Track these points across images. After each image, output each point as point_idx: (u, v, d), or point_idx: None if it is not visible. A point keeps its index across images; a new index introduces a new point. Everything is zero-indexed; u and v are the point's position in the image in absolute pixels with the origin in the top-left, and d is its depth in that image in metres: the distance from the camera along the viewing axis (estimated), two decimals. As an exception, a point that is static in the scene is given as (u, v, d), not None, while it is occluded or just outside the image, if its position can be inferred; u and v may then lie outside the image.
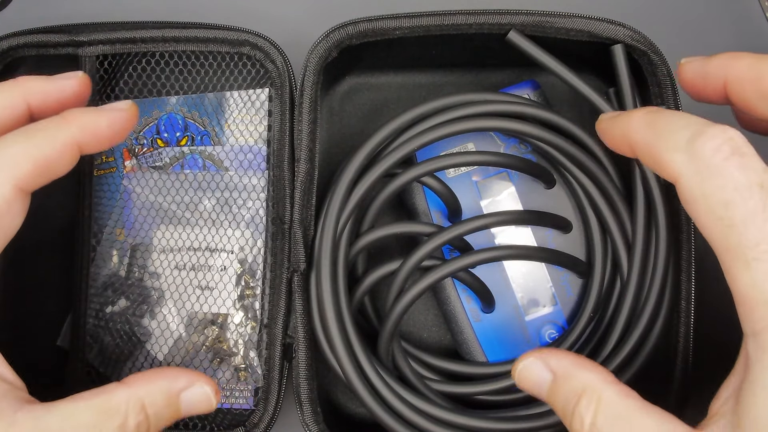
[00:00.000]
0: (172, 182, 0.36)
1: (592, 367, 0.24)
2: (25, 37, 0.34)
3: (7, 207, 0.23)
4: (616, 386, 0.23)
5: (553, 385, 0.24)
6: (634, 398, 0.23)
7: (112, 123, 0.26)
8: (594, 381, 0.23)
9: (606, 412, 0.22)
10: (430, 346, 0.37)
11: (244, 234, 0.35)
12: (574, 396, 0.23)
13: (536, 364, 0.25)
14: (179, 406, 0.26)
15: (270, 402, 0.32)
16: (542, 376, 0.25)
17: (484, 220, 0.30)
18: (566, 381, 0.24)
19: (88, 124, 0.25)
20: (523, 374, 0.26)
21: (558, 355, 0.25)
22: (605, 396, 0.23)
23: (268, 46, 0.33)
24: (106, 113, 0.26)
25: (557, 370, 0.24)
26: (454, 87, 0.38)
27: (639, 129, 0.24)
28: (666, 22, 0.39)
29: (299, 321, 0.31)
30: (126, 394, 0.25)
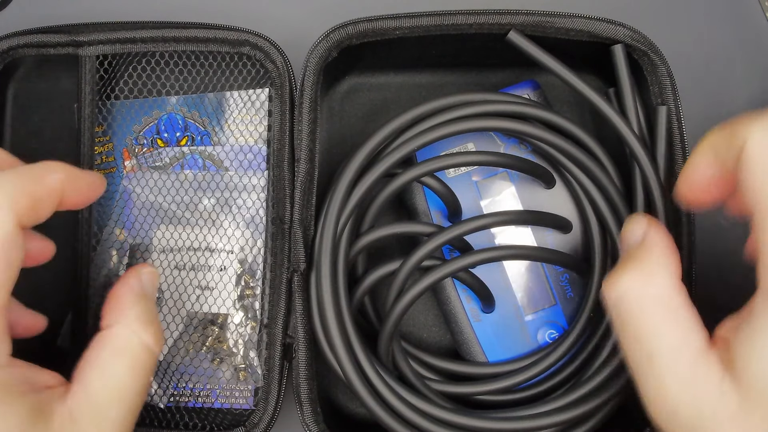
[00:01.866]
0: (172, 182, 0.36)
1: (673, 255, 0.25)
2: (25, 37, 0.34)
3: (12, 240, 0.24)
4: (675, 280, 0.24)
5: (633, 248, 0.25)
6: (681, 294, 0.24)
7: (89, 183, 0.28)
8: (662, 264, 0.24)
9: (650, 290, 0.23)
10: (430, 346, 0.37)
11: (244, 234, 0.35)
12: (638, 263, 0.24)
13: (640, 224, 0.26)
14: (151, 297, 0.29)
15: (270, 402, 0.32)
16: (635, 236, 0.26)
17: (484, 220, 0.30)
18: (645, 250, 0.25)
19: (71, 175, 0.27)
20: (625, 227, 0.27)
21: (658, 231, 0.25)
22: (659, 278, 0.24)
23: (268, 46, 0.33)
24: (85, 173, 0.28)
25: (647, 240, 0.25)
26: (454, 87, 0.38)
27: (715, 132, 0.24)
28: (666, 22, 0.39)
29: (299, 321, 0.31)
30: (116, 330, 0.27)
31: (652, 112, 0.32)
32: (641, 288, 0.23)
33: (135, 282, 0.28)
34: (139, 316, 0.27)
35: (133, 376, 0.25)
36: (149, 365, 0.26)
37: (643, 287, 0.23)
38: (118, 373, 0.25)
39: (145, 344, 0.26)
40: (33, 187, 0.25)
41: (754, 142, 0.22)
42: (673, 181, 0.32)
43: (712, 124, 0.38)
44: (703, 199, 0.25)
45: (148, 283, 0.29)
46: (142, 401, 0.26)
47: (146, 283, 0.29)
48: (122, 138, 0.37)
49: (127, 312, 0.27)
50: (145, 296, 0.28)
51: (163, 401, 0.35)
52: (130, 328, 0.26)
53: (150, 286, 0.29)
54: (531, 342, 0.34)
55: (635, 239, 0.26)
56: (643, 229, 0.25)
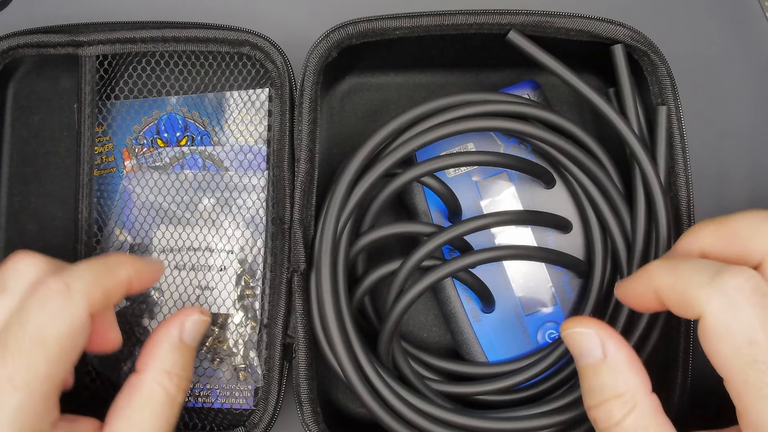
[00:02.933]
0: (172, 182, 0.36)
1: (641, 371, 0.25)
2: (25, 37, 0.34)
3: (83, 328, 0.26)
4: (653, 399, 0.24)
5: (597, 367, 0.25)
6: (663, 417, 0.24)
7: (151, 271, 0.30)
8: (638, 387, 0.24)
9: (636, 420, 0.23)
10: (430, 346, 0.37)
11: (244, 234, 0.35)
12: (613, 391, 0.24)
13: (593, 339, 0.25)
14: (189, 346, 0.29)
15: (270, 402, 0.32)
16: (592, 352, 0.25)
17: (484, 220, 0.30)
18: (613, 373, 0.24)
19: (138, 267, 0.29)
20: (574, 337, 0.26)
21: (618, 344, 0.25)
22: (641, 405, 0.24)
23: (268, 46, 0.33)
24: (149, 262, 0.30)
25: (610, 358, 0.25)
26: (454, 87, 0.38)
27: (662, 275, 0.24)
28: (666, 22, 0.39)
29: (299, 321, 0.31)
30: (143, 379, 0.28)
31: (652, 112, 0.32)
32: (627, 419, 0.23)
33: (174, 330, 0.29)
34: (168, 367, 0.28)
35: (157, 424, 0.27)
36: (173, 414, 0.27)
37: (627, 418, 0.24)
38: (143, 422, 0.27)
39: (170, 395, 0.27)
40: (106, 281, 0.27)
41: (714, 317, 0.22)
42: (673, 181, 0.32)
43: (712, 124, 0.38)
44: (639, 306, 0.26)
45: (191, 331, 0.29)
46: None
47: (188, 331, 0.29)
48: (122, 138, 0.37)
49: (157, 361, 0.28)
50: (181, 347, 0.28)
51: (163, 401, 0.35)
52: (157, 378, 0.27)
53: (191, 335, 0.29)
54: (531, 342, 0.34)
55: (593, 356, 0.25)
56: (599, 343, 0.25)
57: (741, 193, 0.38)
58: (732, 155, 0.38)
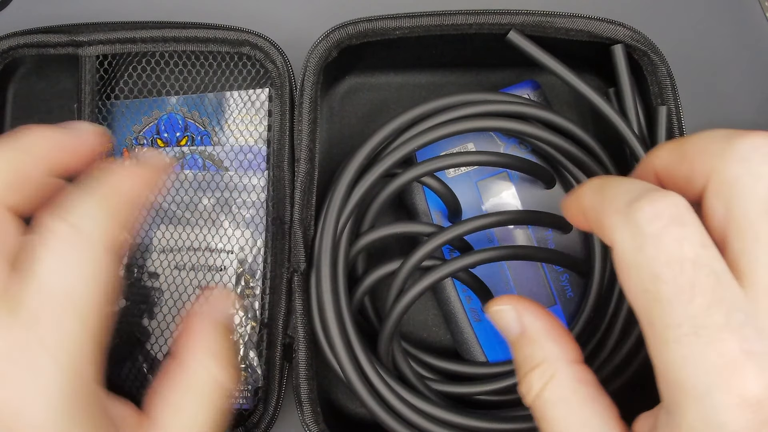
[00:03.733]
0: (171, 182, 0.36)
1: (560, 339, 0.23)
2: (25, 37, 0.34)
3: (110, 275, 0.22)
4: (574, 367, 0.23)
5: (518, 340, 0.24)
6: (587, 385, 0.22)
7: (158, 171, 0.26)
8: (555, 356, 0.23)
9: (554, 390, 0.22)
10: (430, 346, 0.37)
11: (244, 234, 0.35)
12: (531, 362, 0.23)
13: (510, 313, 0.24)
14: (228, 327, 0.26)
15: (270, 402, 0.32)
16: (512, 327, 0.24)
17: (484, 220, 0.30)
18: (530, 344, 0.24)
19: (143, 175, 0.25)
20: (497, 316, 0.25)
21: (533, 314, 0.24)
22: (559, 375, 0.23)
23: (268, 46, 0.33)
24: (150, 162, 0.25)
25: (526, 330, 0.24)
26: (454, 87, 0.38)
27: (587, 194, 0.23)
28: (666, 22, 0.39)
29: (299, 321, 0.31)
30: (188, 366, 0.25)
31: (652, 112, 0.32)
32: (546, 390, 0.22)
33: (216, 312, 0.26)
34: (215, 351, 0.25)
35: (207, 415, 0.24)
36: (222, 402, 0.25)
37: (546, 388, 0.22)
38: (192, 413, 0.24)
39: (218, 382, 0.25)
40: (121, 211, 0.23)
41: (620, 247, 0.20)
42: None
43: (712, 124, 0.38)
44: None
45: (228, 314, 0.26)
46: None
47: (227, 313, 0.26)
48: (122, 138, 0.37)
49: (202, 344, 0.25)
50: (224, 330, 0.26)
51: (163, 401, 0.35)
52: (203, 362, 0.25)
53: (229, 318, 0.26)
54: (531, 342, 0.34)
55: (513, 331, 0.24)
56: (515, 317, 0.24)
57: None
58: (732, 155, 0.38)
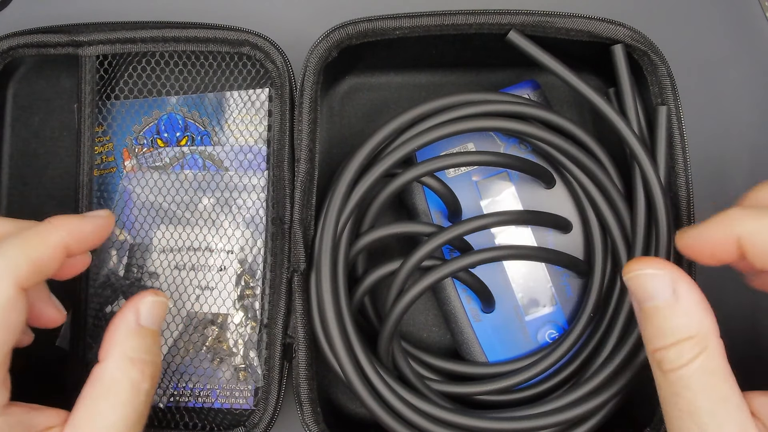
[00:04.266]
0: (171, 182, 0.36)
1: (712, 314, 0.24)
2: (25, 37, 0.34)
3: (12, 305, 0.25)
4: (721, 344, 0.24)
5: (669, 309, 0.24)
6: (728, 363, 0.23)
7: (94, 229, 0.29)
8: (710, 330, 0.24)
9: (707, 362, 0.23)
10: (430, 346, 0.37)
11: (244, 234, 0.35)
12: (687, 332, 0.23)
13: (664, 279, 0.24)
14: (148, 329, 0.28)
15: (270, 402, 0.32)
16: (661, 292, 0.24)
17: (484, 220, 0.30)
18: (686, 314, 0.24)
19: (74, 229, 0.27)
20: (641, 280, 0.25)
21: (690, 285, 0.24)
22: (711, 347, 0.23)
23: (268, 46, 0.33)
24: (89, 220, 0.29)
25: (682, 299, 0.24)
26: (454, 87, 0.38)
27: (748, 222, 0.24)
28: (666, 22, 0.39)
29: (299, 321, 0.31)
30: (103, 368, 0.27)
31: (652, 112, 0.32)
32: (696, 361, 0.23)
33: (131, 315, 0.28)
34: (128, 353, 0.27)
35: (120, 414, 0.26)
36: (138, 402, 0.26)
37: (697, 360, 0.23)
38: (105, 413, 0.26)
39: (132, 381, 0.26)
40: (36, 252, 0.26)
41: None
42: (673, 181, 0.32)
43: (712, 124, 0.38)
44: None
45: (148, 314, 0.28)
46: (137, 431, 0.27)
47: (144, 314, 0.28)
48: (122, 138, 0.37)
49: (116, 348, 0.27)
50: (140, 331, 0.28)
51: (163, 401, 0.35)
52: (117, 365, 0.26)
53: (149, 317, 0.28)
54: (531, 342, 0.34)
55: (662, 297, 0.24)
56: (670, 284, 0.24)
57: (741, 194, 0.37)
58: (732, 155, 0.38)
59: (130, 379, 0.26)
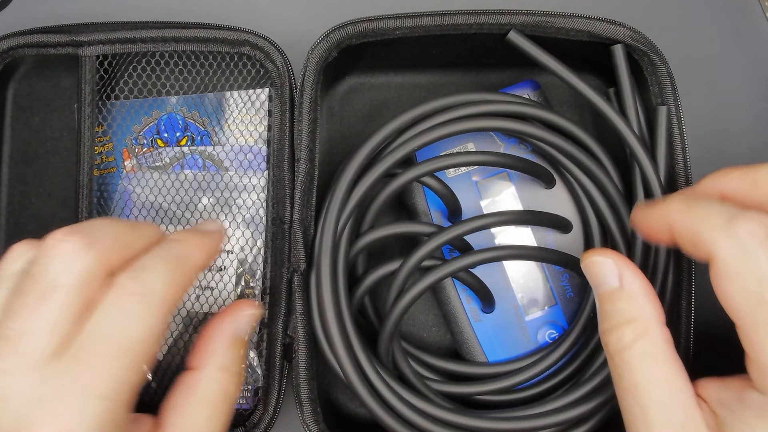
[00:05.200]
0: (171, 182, 0.36)
1: (655, 302, 0.25)
2: (25, 37, 0.34)
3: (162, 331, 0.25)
4: (665, 331, 0.25)
5: (614, 294, 0.26)
6: (672, 350, 0.24)
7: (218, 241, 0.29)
8: (651, 316, 0.25)
9: (645, 346, 0.24)
10: (430, 346, 0.37)
11: (244, 234, 0.35)
12: (626, 315, 0.25)
13: (611, 268, 0.26)
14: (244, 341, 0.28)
15: (270, 402, 0.32)
16: (608, 280, 0.26)
17: (484, 220, 0.30)
18: (628, 300, 0.25)
19: (208, 248, 0.28)
20: (592, 267, 0.27)
21: (633, 273, 0.26)
22: (652, 332, 0.24)
23: (268, 46, 0.33)
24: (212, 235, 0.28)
25: (626, 286, 0.26)
26: (454, 87, 0.38)
27: (678, 212, 0.25)
28: (666, 22, 0.39)
29: (299, 321, 0.31)
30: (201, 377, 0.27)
31: (652, 112, 0.32)
32: (636, 344, 0.24)
33: (229, 327, 0.28)
34: (226, 365, 0.27)
35: (216, 421, 0.26)
36: (230, 412, 0.27)
37: (637, 343, 0.24)
38: (201, 422, 0.26)
39: (226, 392, 0.27)
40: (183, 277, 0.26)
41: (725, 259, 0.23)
42: (673, 181, 0.32)
43: (712, 124, 0.38)
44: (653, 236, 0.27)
45: (245, 326, 0.28)
46: None
47: (242, 326, 0.28)
48: (122, 138, 0.37)
49: (213, 358, 0.27)
50: (237, 342, 0.28)
51: (163, 401, 0.35)
52: (214, 375, 0.27)
53: (246, 330, 0.28)
54: (531, 342, 0.34)
55: (609, 284, 0.26)
56: (616, 272, 0.26)
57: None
58: (732, 155, 0.38)
59: (225, 390, 0.27)
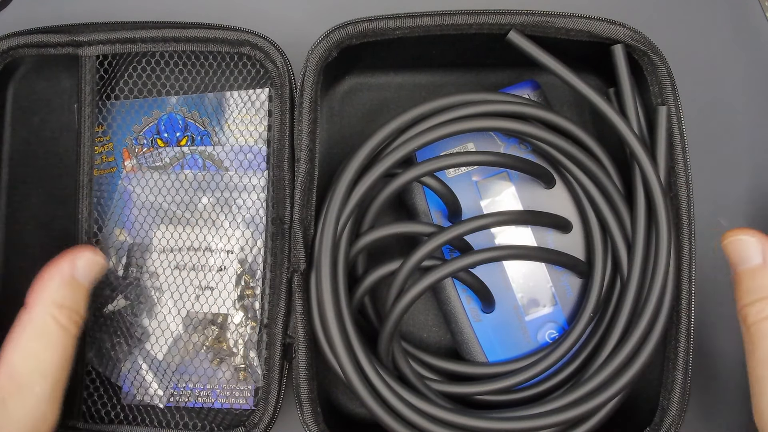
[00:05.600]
0: (171, 182, 0.36)
1: None
2: (25, 37, 0.34)
3: None
4: None
5: (758, 271, 0.27)
6: None
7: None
8: None
9: None
10: (430, 346, 0.37)
11: (244, 234, 0.35)
12: (763, 293, 0.27)
13: (755, 245, 0.28)
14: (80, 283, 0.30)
15: (270, 402, 0.32)
16: (752, 256, 0.28)
17: (484, 220, 0.30)
18: None
19: None
20: (735, 245, 0.28)
21: None
22: None
23: (268, 46, 0.33)
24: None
25: None
26: (454, 87, 0.38)
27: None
28: (666, 22, 0.39)
29: (299, 321, 0.31)
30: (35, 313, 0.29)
31: (652, 112, 0.32)
32: None
33: (66, 266, 0.29)
34: (58, 300, 0.28)
35: (52, 354, 0.28)
36: (67, 344, 0.28)
37: None
38: (38, 353, 0.28)
39: (62, 326, 0.28)
40: None
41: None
42: (673, 181, 0.32)
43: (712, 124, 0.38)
44: None
45: (83, 268, 0.30)
46: (65, 374, 0.28)
47: (80, 268, 0.30)
48: (122, 138, 0.37)
49: (46, 294, 0.29)
50: (73, 283, 0.29)
51: (163, 401, 0.35)
52: (47, 310, 0.28)
53: (84, 272, 0.30)
54: (531, 342, 0.34)
55: (753, 261, 0.27)
56: (760, 250, 0.27)
57: (741, 194, 0.38)
58: (732, 155, 0.38)
59: (60, 324, 0.28)
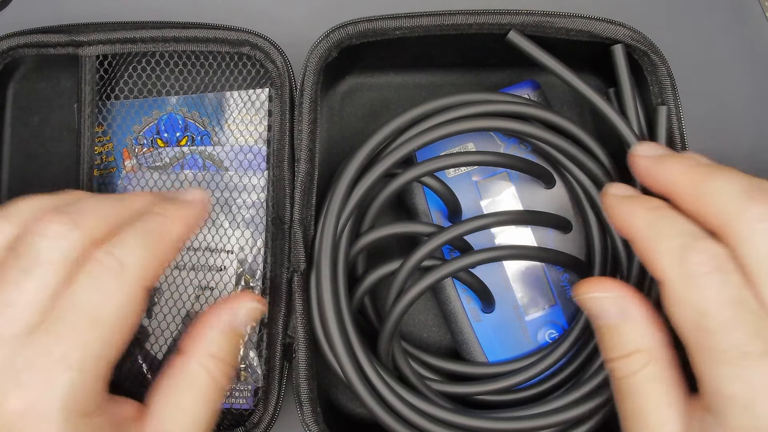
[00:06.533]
0: (171, 182, 0.36)
1: (659, 325, 0.26)
2: (25, 37, 0.34)
3: (138, 306, 0.25)
4: (669, 352, 0.25)
5: (620, 327, 0.26)
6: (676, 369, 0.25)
7: (202, 212, 0.29)
8: (658, 342, 0.25)
9: (652, 371, 0.25)
10: (430, 346, 0.37)
11: (244, 234, 0.35)
12: (634, 345, 0.25)
13: (613, 302, 0.26)
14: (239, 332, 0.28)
15: (270, 402, 0.32)
16: (612, 313, 0.26)
17: (484, 220, 0.30)
18: (635, 330, 0.26)
19: (188, 220, 0.28)
20: (594, 302, 0.27)
21: (637, 304, 0.26)
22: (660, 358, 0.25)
23: (268, 46, 0.33)
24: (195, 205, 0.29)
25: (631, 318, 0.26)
26: (454, 87, 0.38)
27: (640, 223, 0.26)
28: (666, 22, 0.39)
29: (299, 321, 0.31)
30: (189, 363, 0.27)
31: (652, 112, 0.32)
32: (644, 370, 0.25)
33: (225, 317, 0.28)
34: (214, 352, 0.27)
35: (202, 408, 0.26)
36: (218, 399, 0.27)
37: (645, 369, 0.25)
38: (188, 405, 0.26)
39: (215, 380, 0.27)
40: (160, 252, 0.26)
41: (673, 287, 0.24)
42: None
43: (712, 124, 0.38)
44: None
45: (243, 318, 0.28)
46: (210, 428, 0.27)
47: (240, 319, 0.28)
48: (122, 138, 0.37)
49: (203, 345, 0.27)
50: (230, 333, 0.28)
51: (163, 401, 0.35)
52: (202, 361, 0.27)
53: (244, 322, 0.28)
54: (531, 342, 0.34)
55: (612, 318, 0.26)
56: (619, 306, 0.26)
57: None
58: (732, 155, 0.38)
59: (214, 377, 0.27)
